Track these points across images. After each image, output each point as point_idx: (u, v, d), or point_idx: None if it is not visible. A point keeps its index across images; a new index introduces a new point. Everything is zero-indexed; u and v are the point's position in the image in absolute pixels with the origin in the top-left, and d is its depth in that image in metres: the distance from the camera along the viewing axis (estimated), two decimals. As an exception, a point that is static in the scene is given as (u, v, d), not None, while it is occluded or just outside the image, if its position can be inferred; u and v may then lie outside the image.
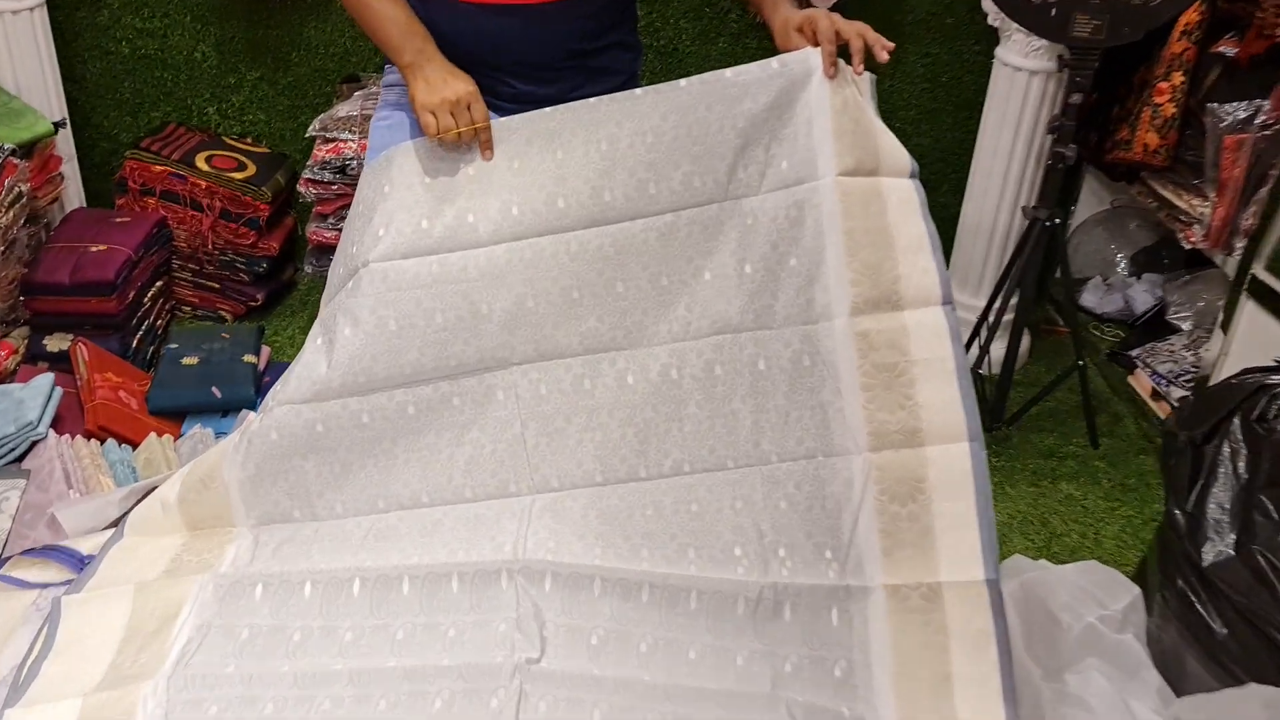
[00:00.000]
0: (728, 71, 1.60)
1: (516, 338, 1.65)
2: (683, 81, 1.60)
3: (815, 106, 1.59)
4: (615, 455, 1.66)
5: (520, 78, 1.72)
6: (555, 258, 1.63)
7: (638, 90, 1.61)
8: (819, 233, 1.60)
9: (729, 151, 1.61)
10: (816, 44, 1.60)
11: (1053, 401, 2.71)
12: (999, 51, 2.63)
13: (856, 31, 1.60)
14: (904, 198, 1.60)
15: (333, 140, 2.60)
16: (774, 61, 1.60)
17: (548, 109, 1.62)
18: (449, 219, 1.63)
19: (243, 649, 1.46)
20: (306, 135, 2.65)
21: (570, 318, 1.64)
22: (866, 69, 1.60)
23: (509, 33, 1.67)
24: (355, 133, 2.57)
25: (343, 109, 2.67)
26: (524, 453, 1.67)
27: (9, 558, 1.76)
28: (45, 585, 1.66)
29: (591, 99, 1.62)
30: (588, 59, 1.74)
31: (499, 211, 1.63)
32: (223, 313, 2.85)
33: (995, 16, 2.58)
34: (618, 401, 1.66)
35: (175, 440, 2.25)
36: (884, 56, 1.58)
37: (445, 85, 1.60)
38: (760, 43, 2.88)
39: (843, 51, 1.62)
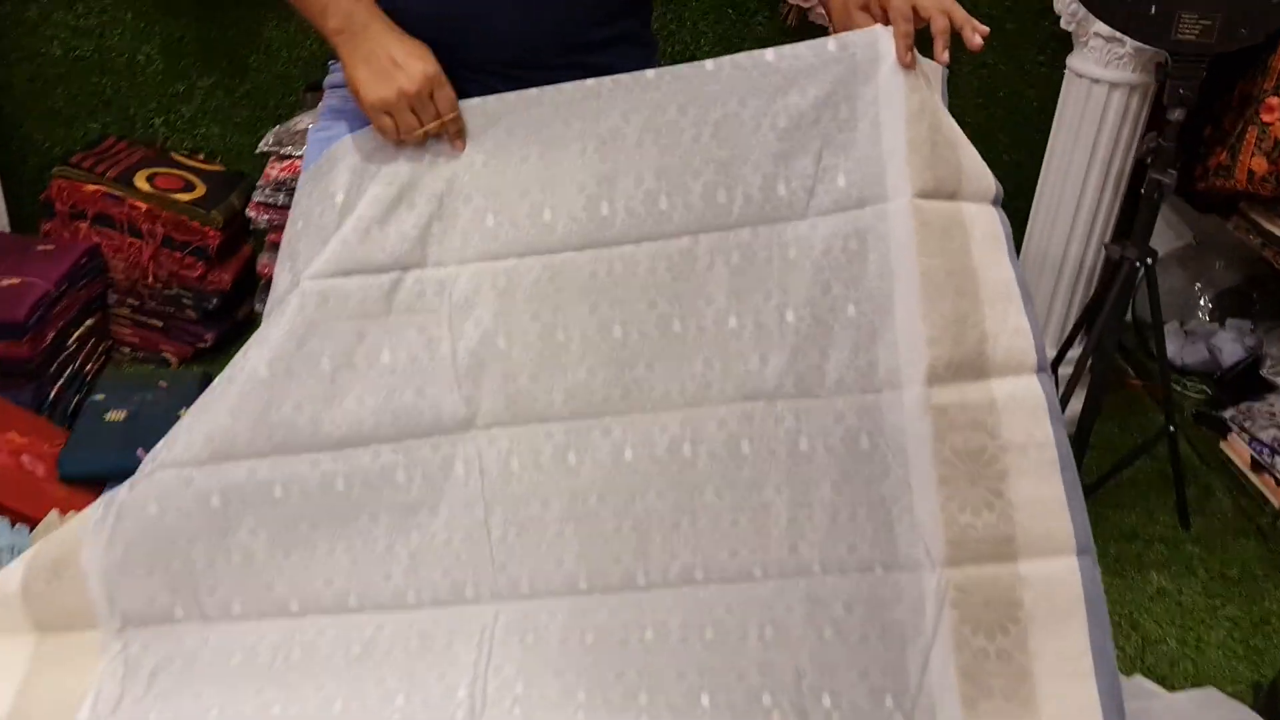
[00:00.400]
0: (768, 53, 1.24)
1: (483, 390, 1.29)
2: (709, 63, 1.25)
3: (885, 104, 1.23)
4: (606, 554, 1.29)
5: (503, 78, 1.35)
6: (537, 285, 1.28)
7: (650, 72, 1.26)
8: (886, 273, 1.23)
9: (768, 159, 1.25)
10: (886, 22, 1.24)
11: (1130, 469, 2.32)
12: (1072, 60, 2.26)
13: (941, 8, 1.22)
14: (989, 230, 1.24)
15: (289, 157, 2.24)
16: (830, 42, 1.23)
17: (534, 90, 1.27)
18: (405, 227, 1.27)
19: None
20: (258, 150, 2.29)
21: (553, 367, 1.29)
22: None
23: (489, 19, 1.31)
24: (315, 148, 2.20)
25: (304, 120, 2.32)
26: (487, 546, 1.29)
27: None
28: None
29: (590, 80, 1.27)
30: (589, 54, 1.37)
31: (468, 221, 1.28)
32: (166, 355, 2.49)
33: (1070, 19, 2.20)
34: (611, 484, 1.29)
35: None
36: (977, 43, 1.22)
37: (397, 69, 1.23)
38: (790, 49, 2.51)
39: (920, 39, 1.24)
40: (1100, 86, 2.20)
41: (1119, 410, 2.56)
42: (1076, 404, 2.26)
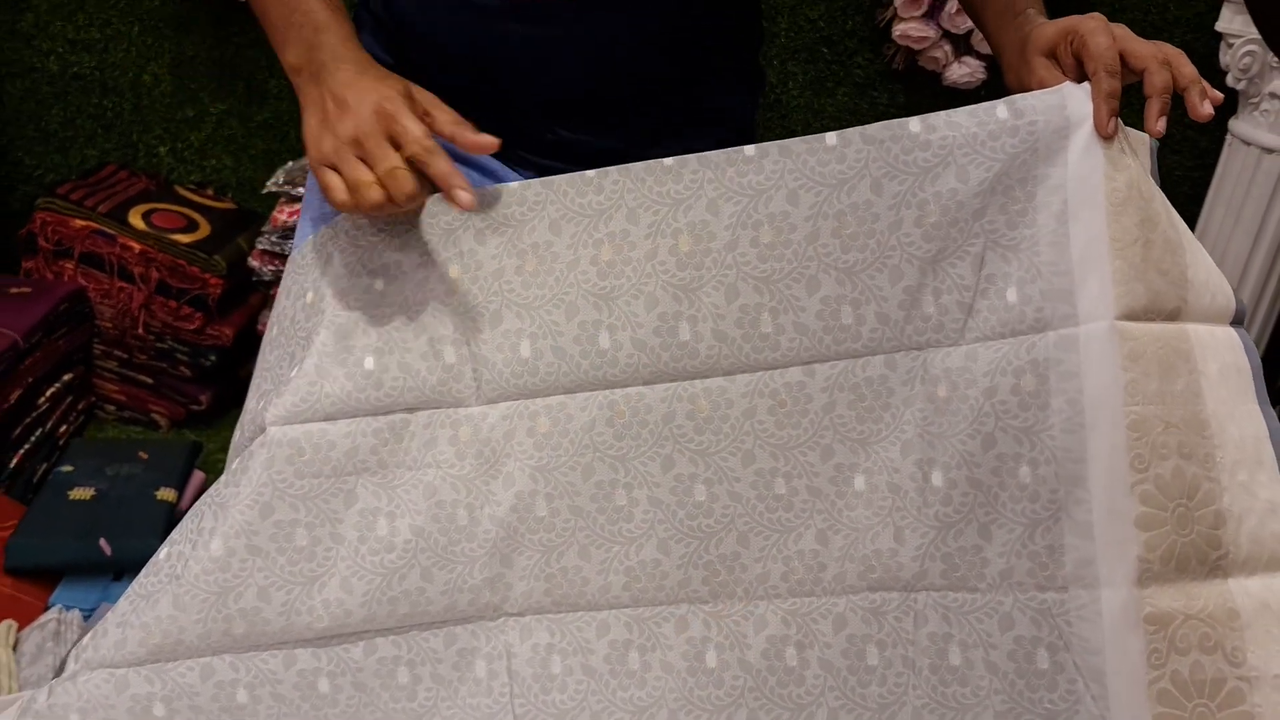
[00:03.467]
0: (912, 122, 0.93)
1: (515, 569, 0.98)
2: (831, 136, 0.94)
3: (1077, 191, 0.91)
4: None
5: (565, 120, 1.10)
6: (590, 433, 0.98)
7: (750, 149, 0.96)
8: (1077, 424, 0.90)
9: (911, 265, 0.95)
10: (1079, 76, 0.94)
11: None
12: (1236, 125, 1.95)
13: (1160, 56, 0.91)
14: (1230, 363, 0.92)
15: (299, 199, 1.95)
16: (1000, 106, 0.93)
17: (591, 172, 0.98)
18: (410, 355, 0.99)
19: None
20: (264, 190, 2.01)
21: (613, 540, 0.99)
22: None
23: (546, 47, 1.05)
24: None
25: None
26: None
27: None
28: None
29: (669, 160, 0.97)
30: (675, 91, 1.10)
31: (498, 347, 0.99)
32: (156, 416, 2.21)
33: (1240, 75, 1.86)
34: (688, 698, 0.98)
35: (23, 627, 1.56)
36: (1207, 111, 0.91)
37: (343, 113, 0.92)
38: (894, 97, 2.18)
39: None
40: (1272, 157, 1.88)
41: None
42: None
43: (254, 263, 2.01)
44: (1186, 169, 2.15)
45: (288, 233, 1.95)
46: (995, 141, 0.92)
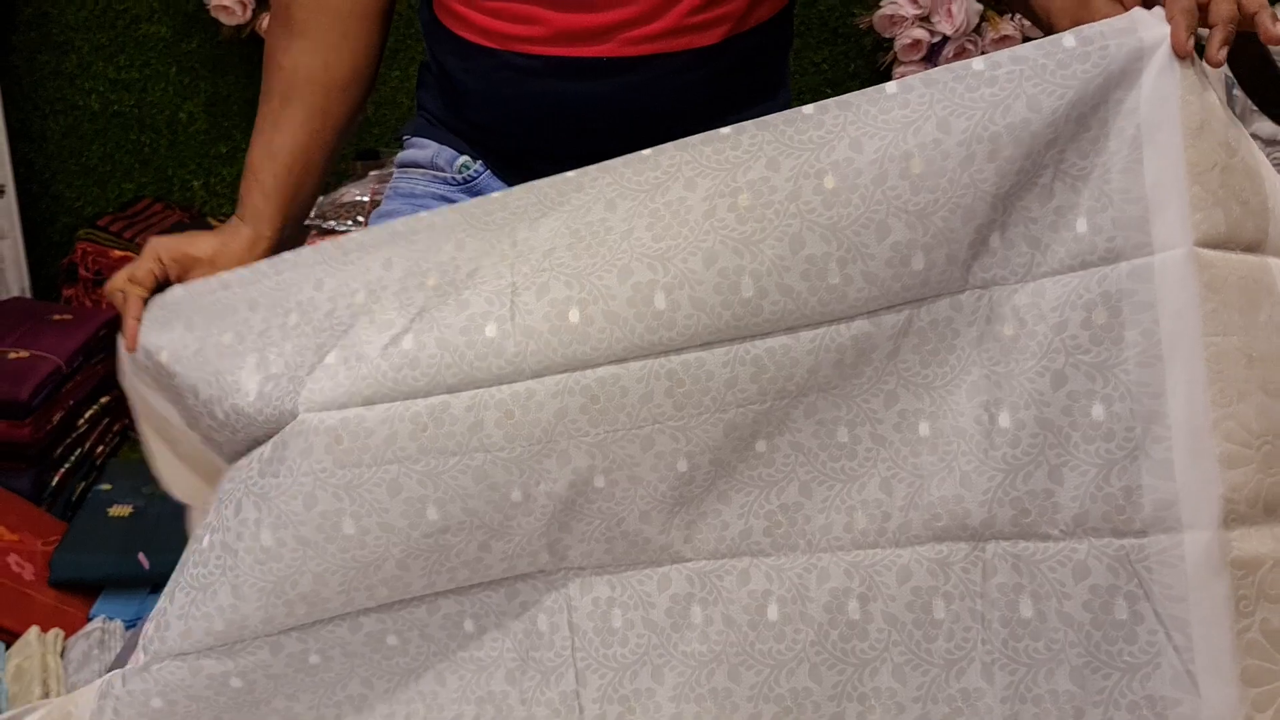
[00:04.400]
0: (975, 61, 0.90)
1: (573, 534, 0.98)
2: (891, 86, 0.91)
3: (1152, 116, 0.87)
4: None
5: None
6: (648, 406, 0.93)
7: (807, 107, 0.93)
8: (1155, 358, 0.87)
9: (982, 203, 0.90)
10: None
11: None
12: None
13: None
14: None
15: (331, 232, 2.07)
16: (1067, 36, 0.88)
17: (648, 151, 0.96)
18: (449, 331, 0.95)
19: None
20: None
21: (672, 503, 0.96)
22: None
23: (582, 109, 1.10)
24: (362, 223, 2.05)
25: (351, 191, 2.17)
26: None
27: None
28: None
29: (726, 129, 0.95)
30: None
31: (545, 317, 0.94)
32: None
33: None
34: (750, 652, 0.96)
35: (69, 636, 1.65)
36: (1275, 33, 0.86)
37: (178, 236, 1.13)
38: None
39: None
40: None
41: None
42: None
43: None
44: None
45: (318, 264, 2.06)
46: (1065, 70, 0.87)
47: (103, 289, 1.12)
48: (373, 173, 2.25)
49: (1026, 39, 2.05)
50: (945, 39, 2.02)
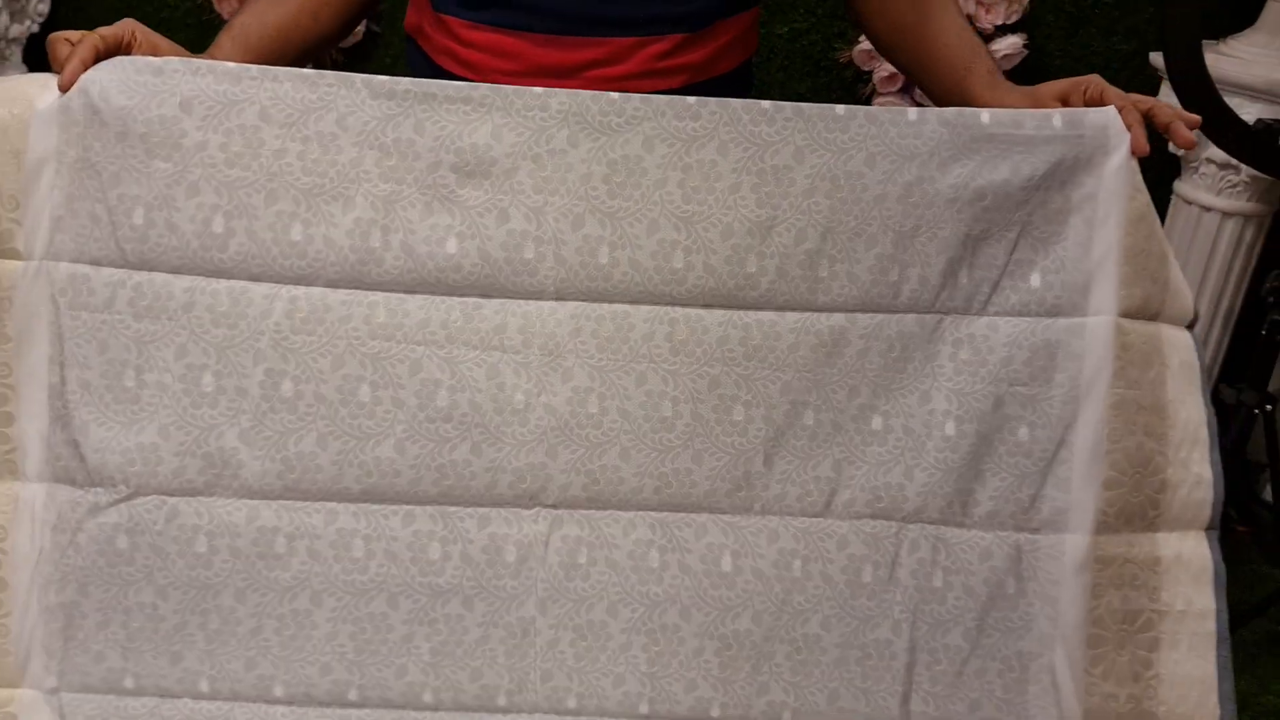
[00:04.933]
0: (983, 113, 1.07)
1: (558, 461, 1.09)
2: (913, 112, 1.07)
3: (1106, 203, 1.07)
4: (679, 678, 1.11)
5: None
6: (649, 344, 1.08)
7: (840, 108, 1.07)
8: (1073, 398, 1.09)
9: (955, 239, 1.08)
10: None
11: (1244, 629, 2.14)
12: (1180, 186, 2.15)
13: (1144, 103, 1.08)
14: (1186, 360, 1.11)
15: None
16: (1056, 116, 1.07)
17: (691, 99, 1.06)
18: (491, 244, 1.06)
19: None
20: None
21: (651, 446, 1.09)
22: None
23: None
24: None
25: None
26: (532, 651, 1.10)
27: None
28: None
29: (766, 103, 1.06)
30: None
31: (577, 249, 1.07)
32: None
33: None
34: (700, 595, 1.10)
35: None
36: (1189, 139, 1.07)
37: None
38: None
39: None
40: (1211, 215, 2.08)
41: (1226, 558, 2.38)
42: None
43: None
44: None
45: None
46: (1048, 146, 1.05)
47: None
48: None
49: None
50: (920, 71, 2.15)
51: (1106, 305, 1.07)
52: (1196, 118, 1.08)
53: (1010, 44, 2.16)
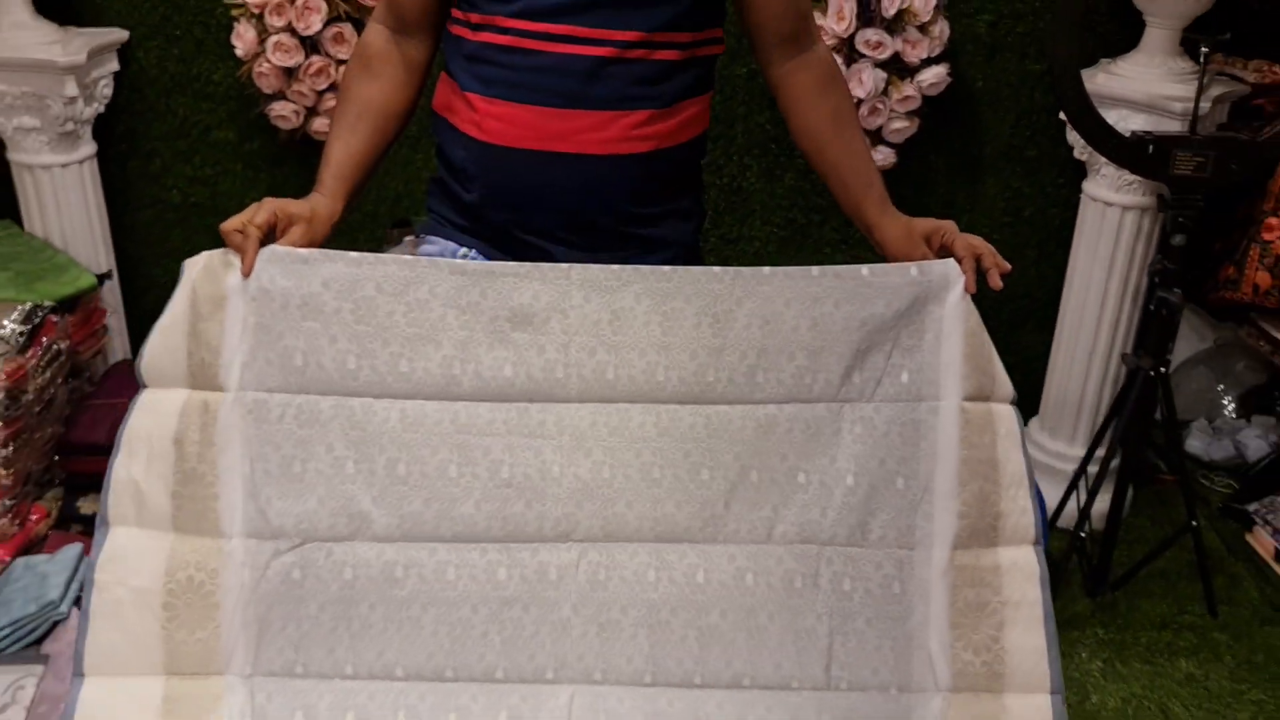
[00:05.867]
0: (864, 269, 1.49)
1: (584, 511, 1.50)
2: (815, 270, 1.49)
3: (949, 324, 1.49)
4: (671, 657, 1.50)
5: (558, 242, 1.60)
6: (642, 429, 1.49)
7: (766, 270, 1.49)
8: (932, 456, 1.49)
9: (850, 352, 1.49)
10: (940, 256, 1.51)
11: (1162, 560, 2.47)
12: (1087, 186, 2.48)
13: (976, 250, 1.49)
14: (1010, 428, 1.51)
15: None
16: (913, 268, 1.49)
17: (664, 268, 1.49)
18: (534, 368, 1.48)
19: None
20: None
21: (647, 499, 1.49)
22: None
23: (550, 186, 1.55)
24: (405, 282, 2.45)
25: (392, 252, 2.57)
26: (568, 641, 1.50)
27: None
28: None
29: (715, 269, 1.49)
30: (640, 226, 1.60)
31: (593, 370, 1.49)
32: None
33: (1082, 150, 2.42)
34: (683, 600, 1.50)
35: None
36: (998, 283, 1.48)
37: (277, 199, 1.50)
38: (829, 179, 2.75)
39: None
40: (1114, 210, 2.41)
41: (1149, 504, 2.72)
42: (1104, 501, 2.42)
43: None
44: (1064, 218, 2.69)
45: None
46: (908, 288, 1.48)
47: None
48: (406, 239, 2.67)
49: (924, 98, 2.52)
50: (860, 100, 2.49)
51: (952, 392, 1.48)
52: (1007, 266, 1.48)
53: (935, 74, 2.48)
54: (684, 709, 1.47)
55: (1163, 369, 2.19)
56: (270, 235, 1.46)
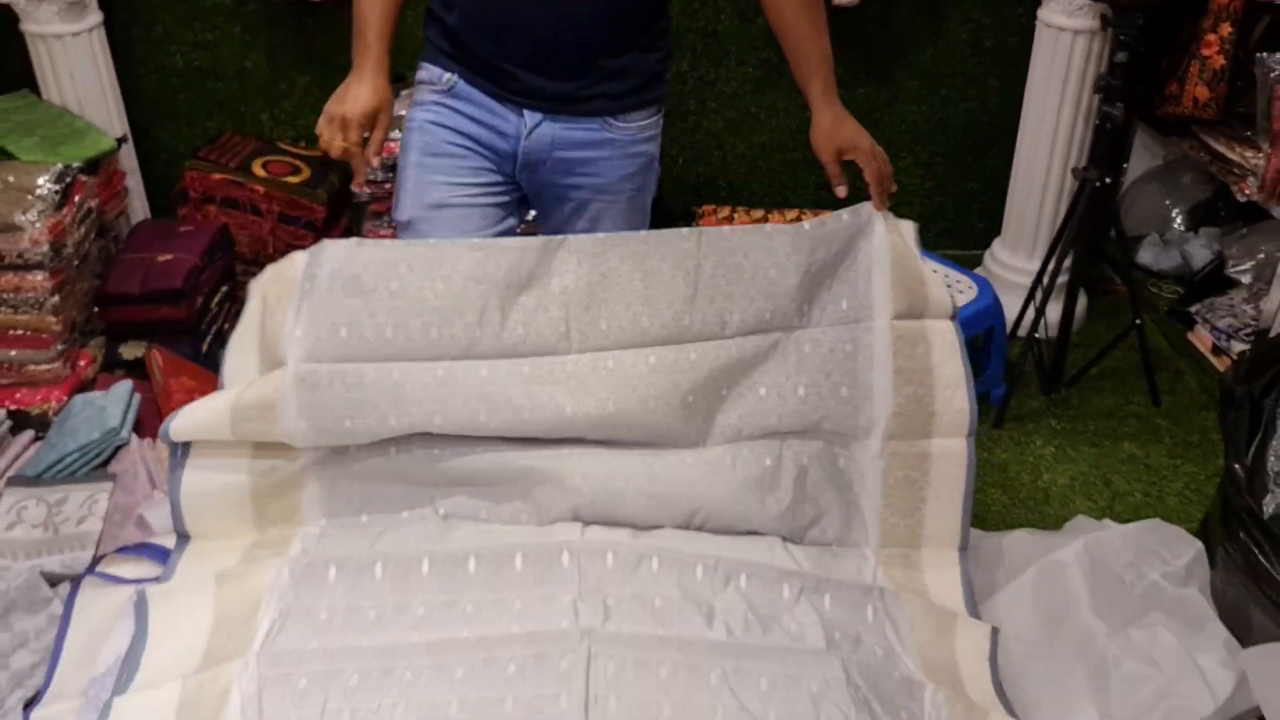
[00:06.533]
0: (807, 224, 1.79)
1: (593, 435, 1.76)
2: (768, 227, 1.78)
3: (876, 256, 1.79)
4: (668, 511, 1.76)
5: (529, 69, 1.75)
6: (635, 368, 1.73)
7: (726, 229, 1.77)
8: (868, 368, 1.77)
9: (799, 290, 1.76)
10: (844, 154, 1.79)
11: (1112, 361, 2.71)
12: (1041, 12, 2.63)
13: (879, 179, 1.76)
14: (947, 340, 1.78)
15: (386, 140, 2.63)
16: (844, 214, 1.80)
17: (640, 233, 1.76)
18: (543, 325, 1.74)
19: (323, 628, 1.52)
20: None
21: (642, 423, 1.74)
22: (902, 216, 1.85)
23: (524, 19, 1.71)
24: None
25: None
26: (578, 494, 1.75)
27: (103, 556, 1.84)
28: (139, 581, 1.74)
29: (685, 230, 1.75)
30: (607, 58, 1.76)
31: (589, 324, 1.74)
32: None
33: (1036, -24, 2.56)
34: (676, 476, 1.76)
35: None
36: (881, 205, 1.79)
37: (345, 98, 1.76)
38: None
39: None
40: (1065, 34, 2.57)
41: (1104, 313, 2.95)
42: (1055, 309, 2.64)
43: (355, 188, 2.72)
44: (1022, 47, 2.81)
45: (385, 166, 2.66)
46: (842, 231, 1.78)
47: (211, 205, 1.82)
48: (403, 92, 2.78)
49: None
50: None
51: (883, 314, 1.77)
52: (893, 188, 1.78)
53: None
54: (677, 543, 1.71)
55: (1109, 180, 2.38)
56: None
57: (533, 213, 2.00)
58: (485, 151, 1.82)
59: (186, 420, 1.73)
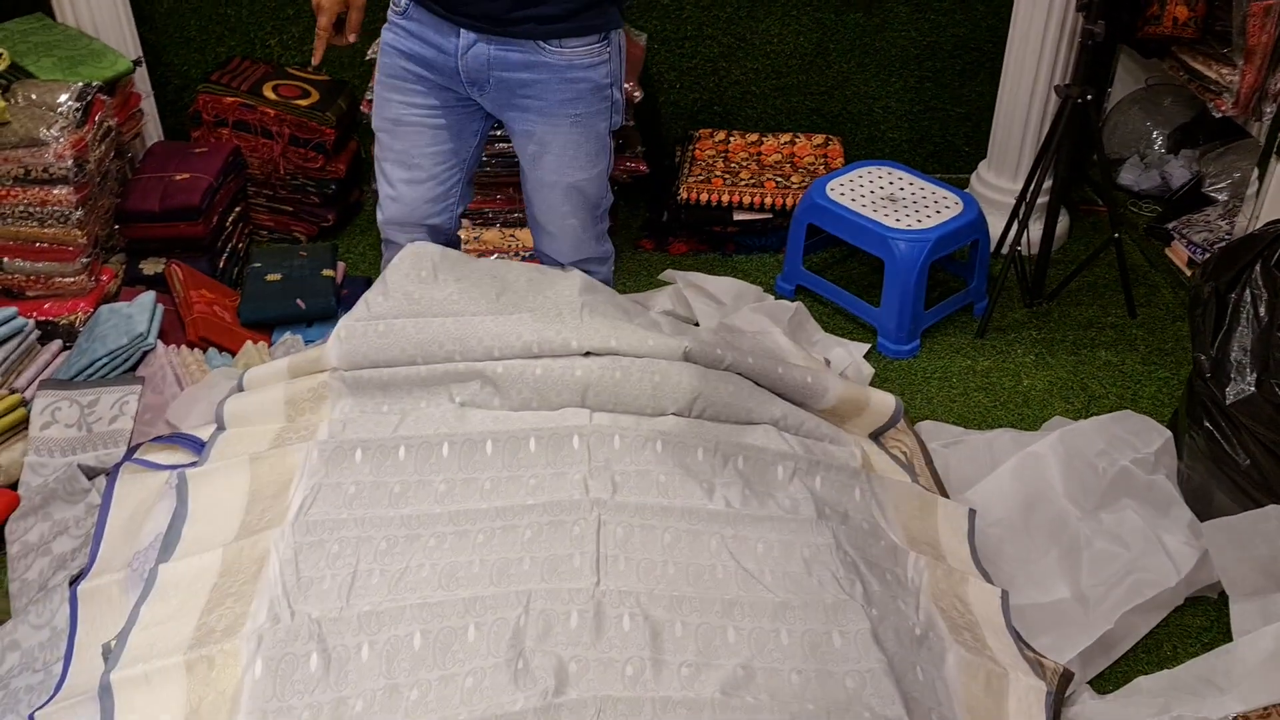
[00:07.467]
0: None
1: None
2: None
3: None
4: (676, 463, 1.81)
5: (477, 29, 1.85)
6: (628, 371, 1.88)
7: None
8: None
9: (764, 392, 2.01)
10: None
11: (1091, 277, 2.82)
12: None
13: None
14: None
15: None
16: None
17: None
18: (549, 331, 1.89)
19: (351, 500, 1.65)
20: (367, 58, 2.78)
21: (648, 385, 1.88)
22: None
23: None
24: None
25: None
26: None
27: (139, 445, 1.97)
28: (174, 466, 1.86)
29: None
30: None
31: (588, 334, 1.90)
32: (297, 234, 3.01)
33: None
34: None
35: (269, 347, 2.44)
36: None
37: None
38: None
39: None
40: None
41: (1085, 232, 3.05)
42: (1038, 228, 2.75)
43: (364, 109, 2.79)
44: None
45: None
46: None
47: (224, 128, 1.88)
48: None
49: None
50: None
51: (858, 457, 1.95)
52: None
53: None
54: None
55: (1090, 96, 2.48)
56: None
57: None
58: (432, 74, 1.93)
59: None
